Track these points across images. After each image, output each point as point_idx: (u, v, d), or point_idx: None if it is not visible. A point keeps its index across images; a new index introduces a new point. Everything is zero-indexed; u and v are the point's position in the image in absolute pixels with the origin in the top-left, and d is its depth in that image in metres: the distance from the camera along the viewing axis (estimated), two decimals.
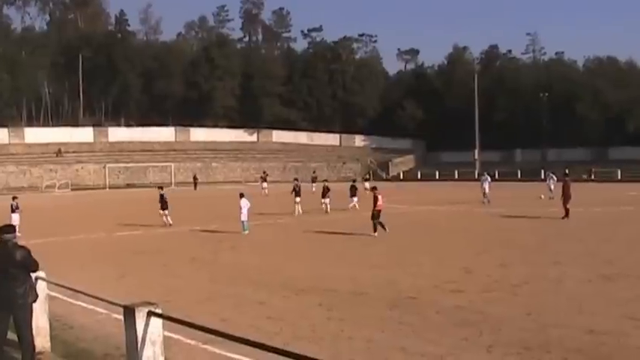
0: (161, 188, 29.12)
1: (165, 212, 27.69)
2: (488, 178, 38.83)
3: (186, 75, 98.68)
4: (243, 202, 24.29)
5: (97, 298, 7.54)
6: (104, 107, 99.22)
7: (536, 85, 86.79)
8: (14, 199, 26.16)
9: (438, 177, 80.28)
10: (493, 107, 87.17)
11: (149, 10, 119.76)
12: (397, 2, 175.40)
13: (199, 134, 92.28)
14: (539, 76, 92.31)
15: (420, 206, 37.30)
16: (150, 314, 5.62)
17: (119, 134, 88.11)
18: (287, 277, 14.70)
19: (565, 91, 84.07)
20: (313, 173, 60.60)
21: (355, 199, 34.07)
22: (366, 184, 45.27)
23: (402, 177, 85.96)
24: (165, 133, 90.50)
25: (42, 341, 8.31)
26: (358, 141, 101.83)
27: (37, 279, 8.03)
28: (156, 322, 5.66)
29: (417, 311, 10.93)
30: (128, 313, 5.72)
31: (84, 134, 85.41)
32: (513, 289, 12.62)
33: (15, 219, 23.89)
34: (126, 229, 26.88)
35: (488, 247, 19.26)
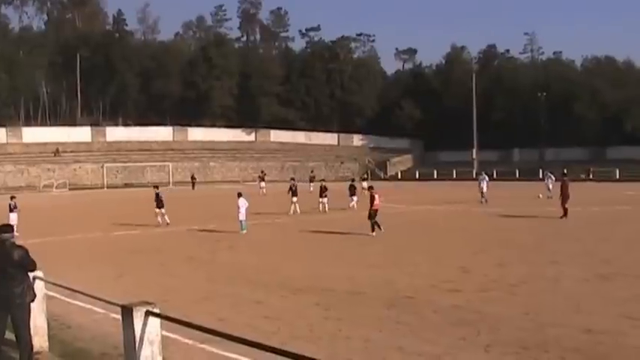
0: (156, 187, 29.23)
1: (161, 211, 27.70)
2: (486, 177, 38.91)
3: (183, 74, 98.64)
4: (241, 201, 24.28)
5: (95, 297, 7.54)
6: (102, 107, 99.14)
7: (534, 84, 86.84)
8: (12, 198, 26.14)
9: (435, 176, 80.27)
10: (491, 107, 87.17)
11: (147, 9, 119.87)
12: (395, 2, 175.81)
13: (197, 134, 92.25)
14: (537, 75, 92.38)
15: (417, 206, 37.32)
16: (148, 314, 5.62)
17: (117, 134, 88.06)
18: (284, 276, 14.70)
19: (563, 90, 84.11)
20: (311, 173, 60.71)
21: (355, 199, 34.19)
22: (363, 184, 45.29)
23: (399, 176, 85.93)
24: (163, 133, 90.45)
25: (40, 341, 8.31)
26: (356, 140, 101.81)
27: (34, 278, 8.03)
28: (154, 322, 5.66)
29: (415, 311, 10.93)
30: (126, 312, 5.72)
31: (82, 134, 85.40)
32: (511, 289, 12.63)
33: (13, 218, 23.93)
34: (123, 228, 26.87)
35: (486, 246, 19.27)
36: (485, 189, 37.33)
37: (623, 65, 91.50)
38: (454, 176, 77.39)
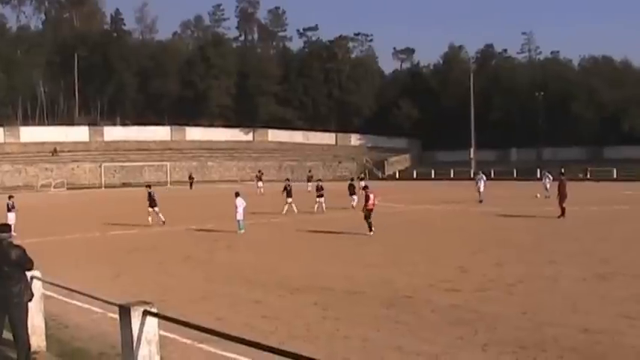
0: (149, 187, 29.40)
1: (155, 209, 27.70)
2: (484, 177, 38.94)
3: (181, 74, 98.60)
4: (239, 201, 24.25)
5: (93, 297, 7.54)
6: (100, 106, 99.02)
7: (532, 84, 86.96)
8: (10, 198, 26.09)
9: (433, 176, 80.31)
10: (489, 106, 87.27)
11: (145, 9, 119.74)
12: (393, 2, 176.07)
13: (195, 133, 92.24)
14: (535, 75, 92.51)
15: (415, 205, 37.32)
16: (145, 313, 5.61)
17: (115, 133, 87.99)
18: (282, 276, 14.70)
19: (560, 90, 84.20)
20: (309, 172, 60.62)
21: (355, 198, 34.19)
22: (361, 183, 45.26)
23: (397, 176, 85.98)
24: (160, 132, 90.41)
25: (37, 340, 8.30)
26: (354, 140, 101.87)
27: (32, 278, 8.03)
28: (151, 322, 5.65)
29: (413, 310, 10.94)
30: (124, 312, 5.71)
31: (79, 133, 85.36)
32: (509, 288, 12.63)
33: (11, 218, 23.91)
34: (121, 228, 26.84)
35: (484, 246, 19.27)
36: (482, 189, 37.37)
37: (621, 65, 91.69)
38: (452, 176, 77.41)
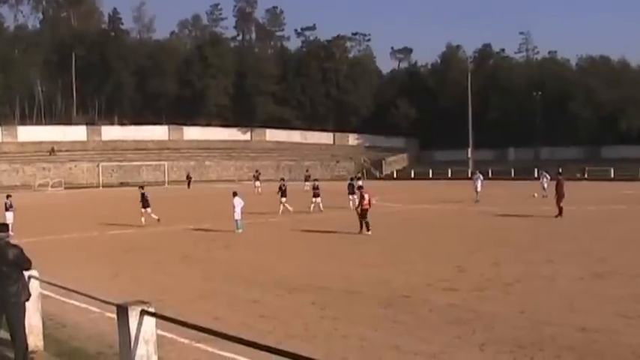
0: (142, 187, 29.43)
1: (147, 211, 27.67)
2: (481, 176, 39.03)
3: (179, 73, 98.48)
4: (237, 200, 24.24)
5: (90, 296, 7.53)
6: (97, 106, 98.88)
7: (530, 83, 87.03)
8: (8, 197, 26.07)
9: (431, 176, 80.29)
10: (486, 106, 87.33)
11: (142, 8, 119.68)
12: (390, 1, 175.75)
13: (193, 133, 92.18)
14: (533, 74, 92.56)
15: (413, 205, 37.33)
16: (143, 313, 5.61)
17: (112, 133, 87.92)
18: (280, 275, 14.70)
19: (558, 89, 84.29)
20: (306, 172, 60.61)
21: (355, 197, 34.12)
22: (359, 182, 45.29)
23: (395, 176, 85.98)
24: (158, 132, 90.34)
25: (35, 340, 8.29)
26: (352, 140, 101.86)
27: (29, 277, 8.02)
28: (149, 321, 5.65)
29: (411, 309, 10.94)
30: (121, 311, 5.71)
31: (77, 133, 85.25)
32: (506, 288, 12.64)
33: (9, 217, 23.85)
34: (119, 227, 26.83)
35: (482, 245, 19.29)
36: (479, 188, 37.41)
37: (618, 64, 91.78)
38: (449, 175, 77.43)
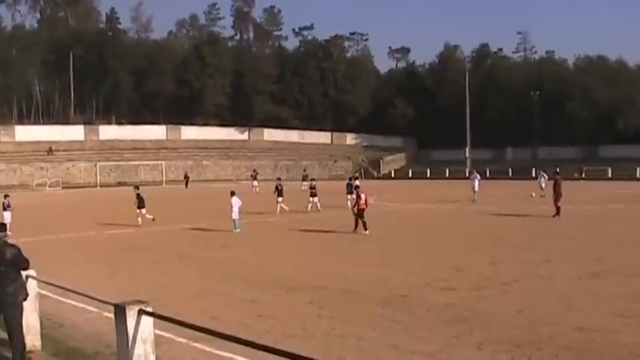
0: (137, 188, 29.47)
1: (141, 211, 27.65)
2: (478, 176, 39.06)
3: (177, 73, 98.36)
4: (234, 200, 24.23)
5: (88, 296, 7.53)
6: (95, 105, 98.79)
7: (527, 83, 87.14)
8: (6, 197, 26.04)
9: (429, 175, 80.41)
10: (484, 105, 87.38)
11: (140, 8, 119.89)
12: (388, 1, 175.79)
13: (190, 132, 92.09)
14: (530, 74, 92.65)
15: (411, 204, 37.33)
16: (141, 312, 5.61)
17: (110, 132, 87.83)
18: (278, 275, 14.70)
19: (556, 89, 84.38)
20: (304, 172, 60.60)
21: (353, 197, 34.11)
22: (356, 182, 45.32)
23: (393, 175, 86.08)
24: (156, 132, 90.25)
25: (32, 339, 8.29)
26: (349, 139, 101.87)
27: (27, 277, 8.01)
28: (147, 321, 5.65)
29: (408, 309, 10.95)
30: (119, 311, 5.71)
31: (75, 132, 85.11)
32: (504, 287, 12.66)
33: (7, 217, 23.79)
34: (116, 227, 26.80)
35: (479, 244, 19.30)
36: (477, 188, 37.46)
37: (616, 64, 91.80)
38: (447, 175, 77.53)
